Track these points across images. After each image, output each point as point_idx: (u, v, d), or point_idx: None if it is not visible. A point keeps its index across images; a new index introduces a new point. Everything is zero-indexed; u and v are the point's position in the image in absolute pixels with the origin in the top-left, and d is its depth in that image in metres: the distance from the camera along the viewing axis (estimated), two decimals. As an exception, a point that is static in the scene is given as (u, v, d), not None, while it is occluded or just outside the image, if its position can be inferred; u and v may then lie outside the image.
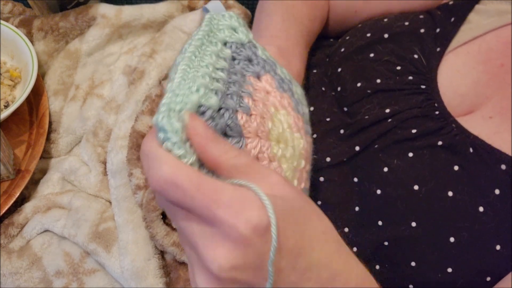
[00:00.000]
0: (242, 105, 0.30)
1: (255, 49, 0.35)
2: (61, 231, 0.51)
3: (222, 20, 0.33)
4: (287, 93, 0.36)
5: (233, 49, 0.33)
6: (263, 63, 0.35)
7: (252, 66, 0.34)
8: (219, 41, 0.32)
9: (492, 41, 0.43)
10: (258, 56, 0.35)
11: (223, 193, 0.24)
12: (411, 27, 0.46)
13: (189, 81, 0.27)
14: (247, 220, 0.23)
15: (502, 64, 0.42)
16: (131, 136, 0.52)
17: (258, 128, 0.31)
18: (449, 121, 0.41)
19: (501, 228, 0.37)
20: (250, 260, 0.24)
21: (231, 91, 0.30)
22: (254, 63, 0.34)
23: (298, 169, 0.35)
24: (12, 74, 0.60)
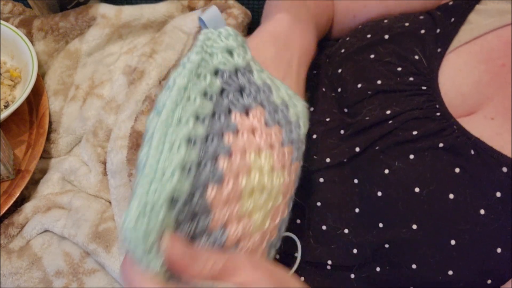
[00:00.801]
0: (214, 175, 0.29)
1: (250, 75, 0.33)
2: (61, 231, 0.51)
3: (217, 41, 0.31)
4: (279, 124, 0.34)
5: (225, 79, 0.31)
6: (255, 92, 0.33)
7: (242, 98, 0.32)
8: (209, 72, 0.30)
9: (493, 41, 0.43)
10: (252, 82, 0.33)
11: None
12: (412, 28, 0.46)
13: (165, 156, 0.27)
14: None
15: (504, 64, 0.41)
16: (131, 136, 0.52)
17: (228, 195, 0.30)
18: (450, 122, 0.41)
19: (502, 230, 0.37)
20: None
21: (206, 157, 0.29)
22: (246, 93, 0.32)
23: (275, 206, 0.34)
24: (12, 74, 0.60)
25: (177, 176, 0.27)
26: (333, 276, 0.44)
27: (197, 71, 0.30)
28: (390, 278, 0.40)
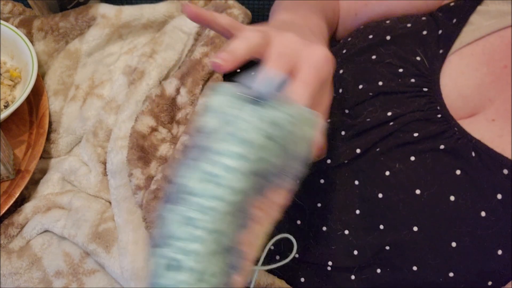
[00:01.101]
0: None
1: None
2: (61, 231, 0.51)
3: (304, 130, 0.27)
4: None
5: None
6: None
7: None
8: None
9: (495, 43, 0.43)
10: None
11: None
12: (414, 29, 0.46)
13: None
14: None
15: (505, 66, 0.41)
16: (131, 136, 0.52)
17: None
18: (451, 124, 0.41)
19: (503, 233, 0.37)
20: None
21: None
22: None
23: None
24: (12, 74, 0.60)
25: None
26: (334, 277, 0.44)
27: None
28: (391, 280, 0.40)
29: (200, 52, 0.56)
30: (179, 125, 0.55)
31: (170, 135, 0.54)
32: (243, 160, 0.25)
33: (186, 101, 0.54)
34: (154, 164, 0.51)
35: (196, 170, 0.26)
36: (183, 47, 0.61)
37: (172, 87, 0.55)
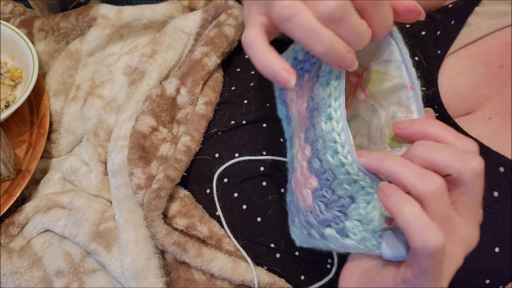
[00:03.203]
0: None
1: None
2: (62, 230, 0.51)
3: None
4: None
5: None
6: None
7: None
8: None
9: (492, 43, 0.43)
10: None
11: None
12: (412, 30, 0.47)
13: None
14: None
15: (502, 66, 0.42)
16: (132, 136, 0.52)
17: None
18: (449, 123, 0.41)
19: (500, 230, 0.37)
20: None
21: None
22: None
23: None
24: (13, 74, 0.60)
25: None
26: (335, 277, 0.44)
27: None
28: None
29: (200, 52, 0.56)
30: (179, 125, 0.55)
31: (171, 134, 0.54)
32: None
33: (186, 101, 0.55)
34: (154, 163, 0.51)
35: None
36: (184, 47, 0.61)
37: (172, 87, 0.55)
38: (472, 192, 0.27)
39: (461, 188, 0.27)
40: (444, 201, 0.26)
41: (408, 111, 0.31)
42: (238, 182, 0.48)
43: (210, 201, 0.49)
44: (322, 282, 0.43)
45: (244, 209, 0.47)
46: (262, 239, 0.46)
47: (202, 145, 0.51)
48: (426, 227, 0.26)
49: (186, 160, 0.49)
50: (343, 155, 0.29)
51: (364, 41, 0.28)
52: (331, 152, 0.30)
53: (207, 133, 0.52)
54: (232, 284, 0.47)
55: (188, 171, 0.50)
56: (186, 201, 0.50)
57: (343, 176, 0.29)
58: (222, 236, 0.48)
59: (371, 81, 0.33)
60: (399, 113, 0.32)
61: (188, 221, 0.48)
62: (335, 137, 0.29)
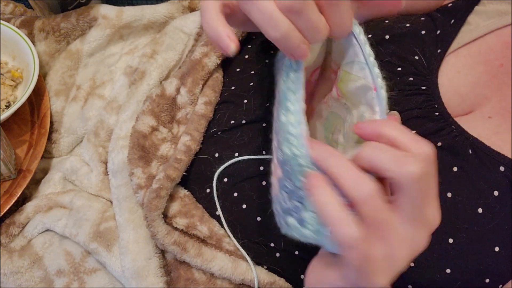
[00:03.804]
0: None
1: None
2: (62, 230, 0.51)
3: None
4: None
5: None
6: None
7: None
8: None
9: (492, 42, 0.43)
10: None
11: None
12: (412, 29, 0.47)
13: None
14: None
15: (502, 65, 0.42)
16: (132, 136, 0.52)
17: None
18: (448, 122, 0.41)
19: (500, 229, 0.37)
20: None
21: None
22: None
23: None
24: (13, 74, 0.60)
25: None
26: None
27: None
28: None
29: (200, 52, 0.56)
30: (179, 124, 0.55)
31: (171, 134, 0.54)
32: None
33: (186, 101, 0.55)
34: (155, 163, 0.51)
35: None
36: (184, 47, 0.61)
37: (172, 87, 0.55)
38: (410, 196, 0.27)
39: (400, 192, 0.27)
40: (375, 206, 0.27)
41: (372, 111, 0.32)
42: (238, 181, 0.48)
43: (210, 201, 0.49)
44: None
45: (244, 209, 0.47)
46: (262, 239, 0.46)
47: (202, 145, 0.51)
48: (341, 220, 0.27)
49: (186, 160, 0.49)
50: (297, 147, 0.30)
51: (319, 36, 0.29)
52: (287, 143, 0.31)
53: (207, 132, 0.52)
54: (232, 283, 0.47)
55: (188, 171, 0.50)
56: (186, 201, 0.50)
57: (297, 168, 0.30)
58: (222, 235, 0.48)
59: (341, 80, 0.34)
60: (366, 113, 0.33)
61: (188, 221, 0.48)
62: (290, 129, 0.30)
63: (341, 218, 0.27)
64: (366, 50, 0.31)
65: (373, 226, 0.27)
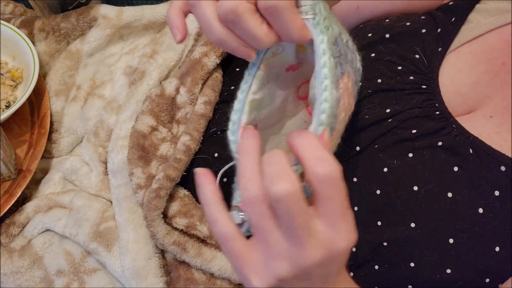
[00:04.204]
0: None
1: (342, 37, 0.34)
2: (62, 230, 0.51)
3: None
4: (351, 73, 0.36)
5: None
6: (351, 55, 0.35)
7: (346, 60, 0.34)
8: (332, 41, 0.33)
9: (493, 40, 0.43)
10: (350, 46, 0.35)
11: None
12: (413, 27, 0.46)
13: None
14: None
15: (504, 63, 0.42)
16: (132, 136, 0.52)
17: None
18: (449, 121, 0.41)
19: (501, 229, 0.37)
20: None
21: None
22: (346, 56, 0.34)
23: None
24: (13, 74, 0.60)
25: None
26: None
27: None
28: (389, 277, 0.40)
29: (200, 52, 0.56)
30: (179, 124, 0.55)
31: (170, 134, 0.54)
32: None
33: (186, 101, 0.55)
34: (154, 163, 0.51)
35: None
36: (184, 47, 0.61)
37: (172, 86, 0.55)
38: (285, 209, 0.27)
39: (276, 208, 0.28)
40: (256, 211, 0.28)
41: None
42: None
43: (210, 201, 0.49)
44: None
45: (243, 209, 0.47)
46: (261, 239, 0.46)
47: (201, 145, 0.51)
48: (218, 220, 0.29)
49: (186, 160, 0.49)
50: (232, 132, 0.32)
51: (259, 43, 0.30)
52: (228, 127, 0.33)
53: (207, 132, 0.52)
54: (232, 283, 0.47)
55: (188, 171, 0.50)
56: (186, 201, 0.50)
57: (233, 151, 0.33)
58: (222, 235, 0.48)
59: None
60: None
61: (188, 221, 0.48)
62: (232, 115, 0.33)
63: (217, 218, 0.29)
64: (320, 60, 0.31)
65: (286, 227, 0.27)
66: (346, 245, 0.28)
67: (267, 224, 0.28)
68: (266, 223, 0.28)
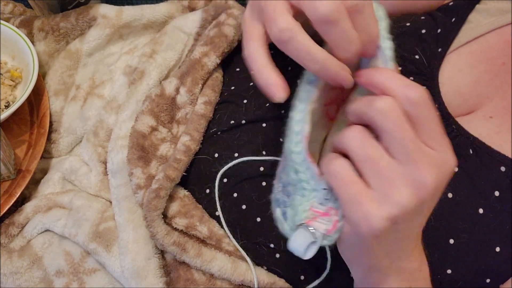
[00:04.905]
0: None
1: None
2: (62, 230, 0.51)
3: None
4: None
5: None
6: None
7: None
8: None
9: (493, 40, 0.43)
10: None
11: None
12: (412, 28, 0.46)
13: None
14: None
15: (504, 63, 0.42)
16: (132, 136, 0.52)
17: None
18: (449, 122, 0.41)
19: (501, 229, 0.37)
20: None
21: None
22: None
23: None
24: (13, 74, 0.60)
25: None
26: (333, 275, 0.44)
27: None
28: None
29: (200, 52, 0.56)
30: (179, 124, 0.55)
31: (170, 134, 0.54)
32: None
33: (186, 101, 0.54)
34: (154, 163, 0.51)
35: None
36: (183, 47, 0.61)
37: (172, 86, 0.55)
38: (391, 131, 0.27)
39: (382, 133, 0.28)
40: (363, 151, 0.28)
41: None
42: (238, 182, 0.48)
43: (210, 201, 0.49)
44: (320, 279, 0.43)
45: (243, 209, 0.47)
46: (261, 239, 0.46)
47: (201, 145, 0.51)
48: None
49: (186, 160, 0.49)
50: (294, 143, 0.31)
51: (353, 47, 0.29)
52: (288, 138, 0.32)
53: (207, 132, 0.52)
54: (232, 284, 0.47)
55: (187, 171, 0.50)
56: (186, 201, 0.50)
57: (291, 163, 0.32)
58: (222, 236, 0.48)
59: (357, 90, 0.35)
60: None
61: (187, 221, 0.48)
62: (293, 125, 0.32)
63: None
64: (389, 66, 0.31)
65: (365, 164, 0.28)
66: (453, 164, 0.28)
67: (378, 152, 0.27)
68: (376, 151, 0.27)
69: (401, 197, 0.27)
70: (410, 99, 0.27)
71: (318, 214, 0.30)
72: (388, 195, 0.27)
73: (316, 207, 0.30)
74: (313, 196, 0.31)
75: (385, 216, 0.27)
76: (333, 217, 0.30)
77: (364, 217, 0.27)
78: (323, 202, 0.30)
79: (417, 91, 0.27)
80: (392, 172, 0.27)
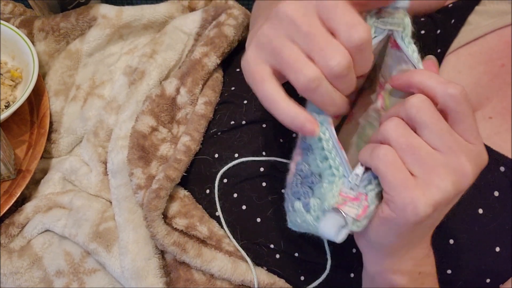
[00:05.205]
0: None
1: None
2: (62, 230, 0.51)
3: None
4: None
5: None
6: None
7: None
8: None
9: (493, 41, 0.43)
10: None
11: None
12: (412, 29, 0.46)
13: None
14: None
15: (503, 65, 0.42)
16: (132, 136, 0.52)
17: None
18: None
19: (501, 229, 0.37)
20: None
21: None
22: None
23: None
24: (13, 74, 0.60)
25: None
26: (333, 275, 0.44)
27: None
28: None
29: (200, 52, 0.56)
30: (179, 125, 0.55)
31: (171, 134, 0.54)
32: None
33: (186, 101, 0.55)
34: (154, 163, 0.51)
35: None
36: (184, 47, 0.61)
37: (172, 87, 0.55)
38: (428, 124, 0.28)
39: (419, 126, 0.29)
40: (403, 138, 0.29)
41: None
42: (238, 182, 0.48)
43: (210, 201, 0.49)
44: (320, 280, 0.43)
45: (243, 210, 0.47)
46: (261, 240, 0.46)
47: (201, 145, 0.51)
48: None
49: (186, 160, 0.49)
50: (322, 130, 0.31)
51: (336, 108, 0.31)
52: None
53: (207, 133, 0.52)
54: (232, 284, 0.47)
55: (188, 171, 0.50)
56: (186, 201, 0.50)
57: (318, 151, 0.32)
58: (222, 236, 0.48)
59: (389, 93, 0.35)
60: None
61: (188, 221, 0.48)
62: (316, 116, 0.32)
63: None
64: (413, 60, 0.32)
65: (406, 152, 0.28)
66: (487, 158, 0.29)
67: (420, 141, 0.28)
68: (418, 140, 0.28)
69: (444, 184, 0.27)
70: (452, 95, 0.28)
71: (348, 199, 0.30)
72: (432, 182, 0.27)
73: (346, 192, 0.31)
74: (341, 182, 0.31)
75: (430, 203, 0.27)
76: (363, 202, 0.30)
77: (411, 202, 0.27)
78: (353, 187, 0.31)
79: (457, 88, 0.28)
80: (434, 160, 0.28)
